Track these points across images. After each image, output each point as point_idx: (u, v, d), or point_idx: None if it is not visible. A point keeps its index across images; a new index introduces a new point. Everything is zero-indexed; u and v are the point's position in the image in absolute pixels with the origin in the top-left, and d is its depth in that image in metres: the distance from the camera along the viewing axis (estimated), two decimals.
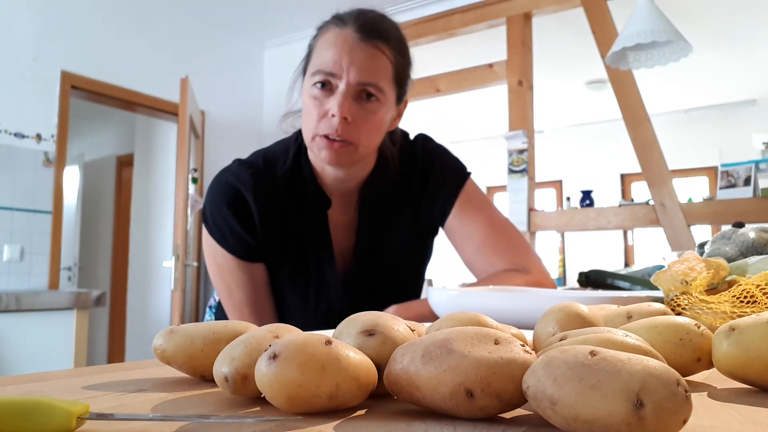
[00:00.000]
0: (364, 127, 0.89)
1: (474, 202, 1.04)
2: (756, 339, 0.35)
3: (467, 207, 1.03)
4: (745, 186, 2.72)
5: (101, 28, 3.59)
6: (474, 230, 1.02)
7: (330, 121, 0.87)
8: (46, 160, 3.27)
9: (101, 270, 5.45)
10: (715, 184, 5.40)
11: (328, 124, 0.88)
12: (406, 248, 1.06)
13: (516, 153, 3.16)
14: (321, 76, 0.88)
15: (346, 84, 0.87)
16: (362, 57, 0.87)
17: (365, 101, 0.89)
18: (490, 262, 1.01)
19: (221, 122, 4.26)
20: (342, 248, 1.02)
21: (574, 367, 0.26)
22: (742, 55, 4.58)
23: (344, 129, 0.87)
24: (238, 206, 0.96)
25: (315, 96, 0.89)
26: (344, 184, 1.00)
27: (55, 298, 2.82)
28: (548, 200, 6.99)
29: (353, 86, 0.87)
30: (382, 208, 1.03)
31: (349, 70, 0.87)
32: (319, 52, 0.91)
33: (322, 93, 0.89)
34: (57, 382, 0.42)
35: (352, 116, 0.87)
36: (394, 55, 0.91)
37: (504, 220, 1.06)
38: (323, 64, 0.88)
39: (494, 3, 3.37)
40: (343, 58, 0.87)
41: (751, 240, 0.86)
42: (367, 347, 0.36)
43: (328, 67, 0.87)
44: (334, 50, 0.88)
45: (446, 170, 1.06)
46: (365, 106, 0.89)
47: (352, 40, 0.88)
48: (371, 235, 1.02)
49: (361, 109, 0.89)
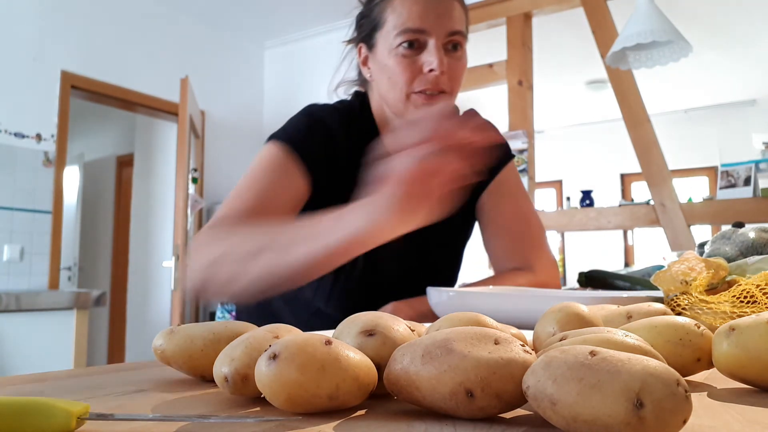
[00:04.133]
0: (456, 75, 0.93)
1: (510, 185, 1.06)
2: (756, 339, 0.35)
3: (502, 187, 1.05)
4: (745, 186, 2.72)
5: (101, 28, 3.59)
6: (501, 214, 1.04)
7: (426, 77, 0.90)
8: (46, 160, 3.27)
9: (101, 270, 5.45)
10: (715, 184, 5.40)
11: (424, 80, 0.90)
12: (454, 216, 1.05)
13: (516, 153, 3.16)
14: (409, 34, 0.89)
15: (437, 37, 0.89)
16: (445, 8, 0.90)
17: (453, 51, 0.92)
18: (505, 250, 1.03)
19: (221, 122, 4.25)
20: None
21: (574, 367, 0.26)
22: (742, 55, 4.58)
23: (442, 81, 0.90)
24: (317, 129, 0.94)
25: (404, 55, 0.90)
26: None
27: (55, 298, 2.82)
28: (548, 200, 6.99)
29: (444, 38, 0.90)
30: None
31: (438, 23, 0.89)
32: (396, 12, 0.91)
33: (411, 51, 0.90)
34: (57, 382, 0.42)
35: (447, 68, 0.90)
36: (462, 1, 0.95)
37: (531, 212, 1.07)
38: (408, 22, 0.89)
39: (494, 3, 3.37)
40: (430, 13, 0.89)
41: (751, 240, 0.86)
42: (367, 347, 0.36)
43: (416, 24, 0.89)
44: (419, 6, 0.90)
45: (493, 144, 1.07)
46: (454, 56, 0.92)
47: None
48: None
49: (452, 59, 0.92)
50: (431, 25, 0.89)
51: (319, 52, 4.32)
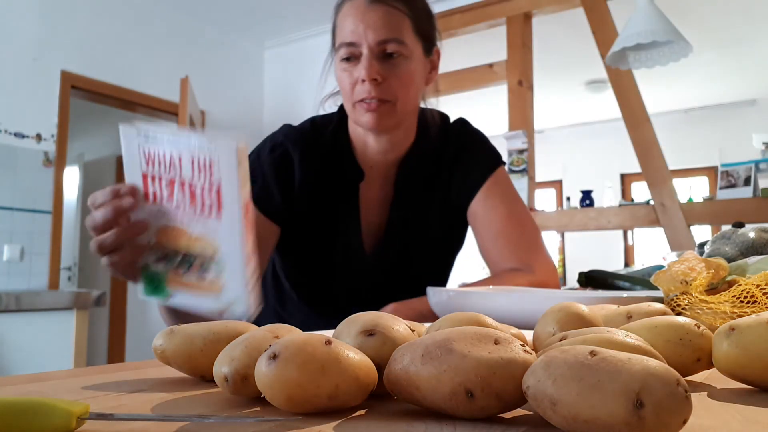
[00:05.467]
0: (396, 82, 0.93)
1: (501, 190, 1.06)
2: (756, 339, 0.35)
3: (493, 193, 1.05)
4: (745, 186, 2.71)
5: (101, 28, 3.59)
6: (494, 219, 1.04)
7: (362, 87, 0.92)
8: (46, 160, 3.27)
9: (101, 270, 5.44)
10: (715, 184, 5.40)
11: (361, 90, 0.92)
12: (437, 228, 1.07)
13: (516, 153, 3.16)
14: (345, 48, 0.93)
15: (368, 47, 0.91)
16: (375, 17, 0.92)
17: (389, 59, 0.93)
18: (502, 254, 1.02)
19: (221, 122, 4.26)
20: (374, 224, 1.04)
21: (574, 367, 0.26)
22: (742, 55, 4.58)
23: (377, 89, 0.92)
24: (281, 162, 1.00)
25: (344, 69, 0.94)
26: (386, 156, 1.02)
27: (55, 298, 2.82)
28: (548, 200, 6.99)
29: (374, 47, 0.91)
30: (419, 184, 1.05)
31: (366, 33, 0.91)
32: (339, 28, 0.95)
33: (350, 65, 0.94)
34: (57, 382, 0.42)
35: (381, 76, 0.91)
36: (407, 8, 0.95)
37: (525, 215, 1.07)
38: (344, 37, 0.93)
39: (494, 3, 3.37)
40: (359, 25, 0.91)
41: (751, 240, 0.86)
42: (367, 347, 0.36)
43: (348, 38, 0.92)
44: (350, 20, 0.92)
45: (481, 152, 1.08)
46: (391, 63, 0.93)
47: (363, 6, 0.92)
48: (405, 211, 1.04)
49: (388, 66, 0.93)
50: (360, 37, 0.91)
51: (319, 52, 4.30)
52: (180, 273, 0.65)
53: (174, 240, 0.64)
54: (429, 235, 1.07)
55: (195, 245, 0.63)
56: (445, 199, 1.07)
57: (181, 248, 0.64)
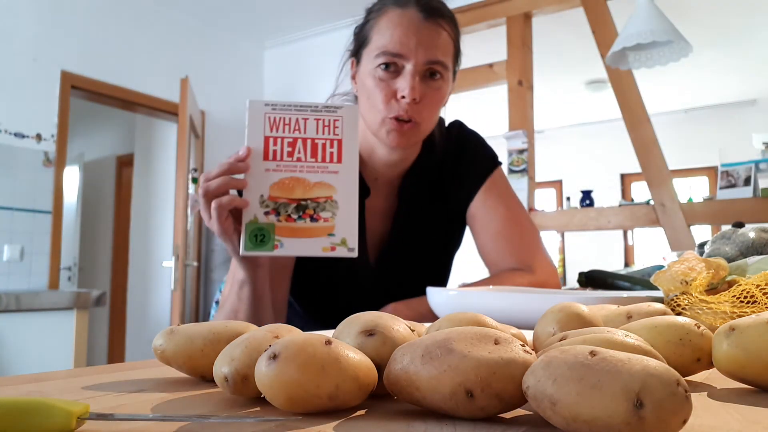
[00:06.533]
0: (430, 105, 0.91)
1: (499, 191, 1.06)
2: (756, 339, 0.35)
3: (491, 194, 1.04)
4: (745, 186, 2.71)
5: (101, 28, 3.59)
6: (493, 220, 1.03)
7: (399, 103, 0.89)
8: (46, 160, 3.27)
9: (101, 270, 5.45)
10: (715, 184, 5.40)
11: (397, 106, 0.89)
12: (439, 235, 1.07)
13: (516, 153, 3.16)
14: (387, 57, 0.88)
15: (414, 64, 0.88)
16: (429, 36, 0.89)
17: (430, 80, 0.90)
18: (501, 255, 1.02)
19: (221, 122, 4.26)
20: (378, 233, 1.03)
21: (574, 367, 0.26)
22: (742, 55, 4.58)
23: (413, 109, 0.89)
24: None
25: (380, 78, 0.90)
26: (393, 169, 1.01)
27: (55, 298, 2.82)
28: (548, 200, 6.99)
29: (420, 66, 0.88)
30: (422, 193, 1.04)
31: (417, 50, 0.88)
32: (380, 33, 0.90)
33: (387, 74, 0.89)
34: (57, 382, 0.42)
35: (420, 96, 0.88)
36: (453, 31, 0.94)
37: (524, 216, 1.07)
38: (389, 45, 0.88)
39: (494, 3, 3.37)
40: (411, 39, 0.88)
41: (751, 240, 0.86)
42: (367, 347, 0.36)
43: (395, 48, 0.88)
44: (400, 30, 0.88)
45: (478, 155, 1.07)
46: (431, 85, 0.90)
47: (418, 20, 0.89)
48: (409, 221, 1.03)
49: (428, 87, 0.90)
50: (410, 50, 0.87)
51: (319, 52, 4.32)
52: (293, 220, 0.74)
53: (289, 191, 0.75)
54: (432, 243, 1.06)
55: (312, 191, 0.75)
56: (447, 205, 1.07)
57: (296, 196, 0.74)
